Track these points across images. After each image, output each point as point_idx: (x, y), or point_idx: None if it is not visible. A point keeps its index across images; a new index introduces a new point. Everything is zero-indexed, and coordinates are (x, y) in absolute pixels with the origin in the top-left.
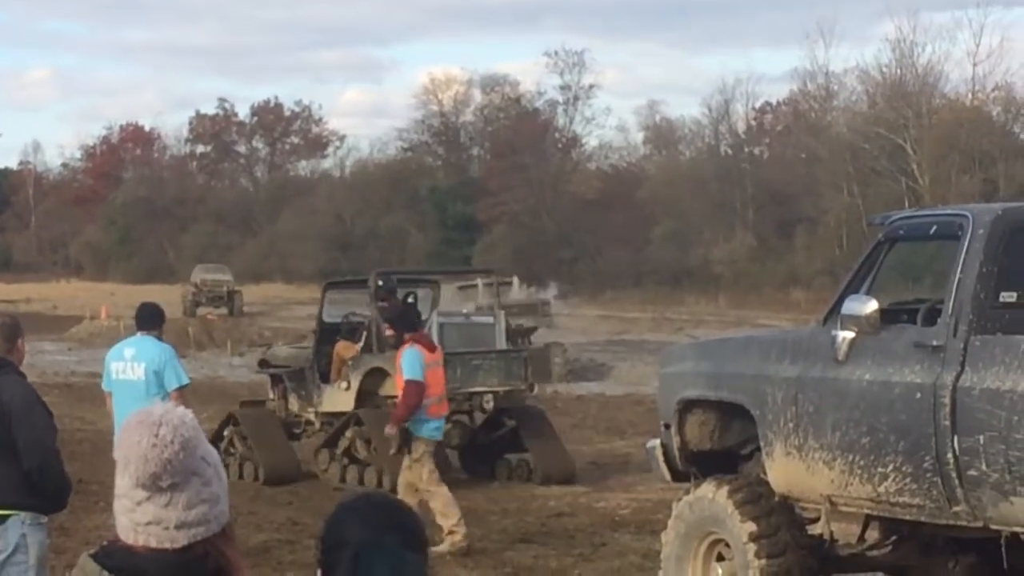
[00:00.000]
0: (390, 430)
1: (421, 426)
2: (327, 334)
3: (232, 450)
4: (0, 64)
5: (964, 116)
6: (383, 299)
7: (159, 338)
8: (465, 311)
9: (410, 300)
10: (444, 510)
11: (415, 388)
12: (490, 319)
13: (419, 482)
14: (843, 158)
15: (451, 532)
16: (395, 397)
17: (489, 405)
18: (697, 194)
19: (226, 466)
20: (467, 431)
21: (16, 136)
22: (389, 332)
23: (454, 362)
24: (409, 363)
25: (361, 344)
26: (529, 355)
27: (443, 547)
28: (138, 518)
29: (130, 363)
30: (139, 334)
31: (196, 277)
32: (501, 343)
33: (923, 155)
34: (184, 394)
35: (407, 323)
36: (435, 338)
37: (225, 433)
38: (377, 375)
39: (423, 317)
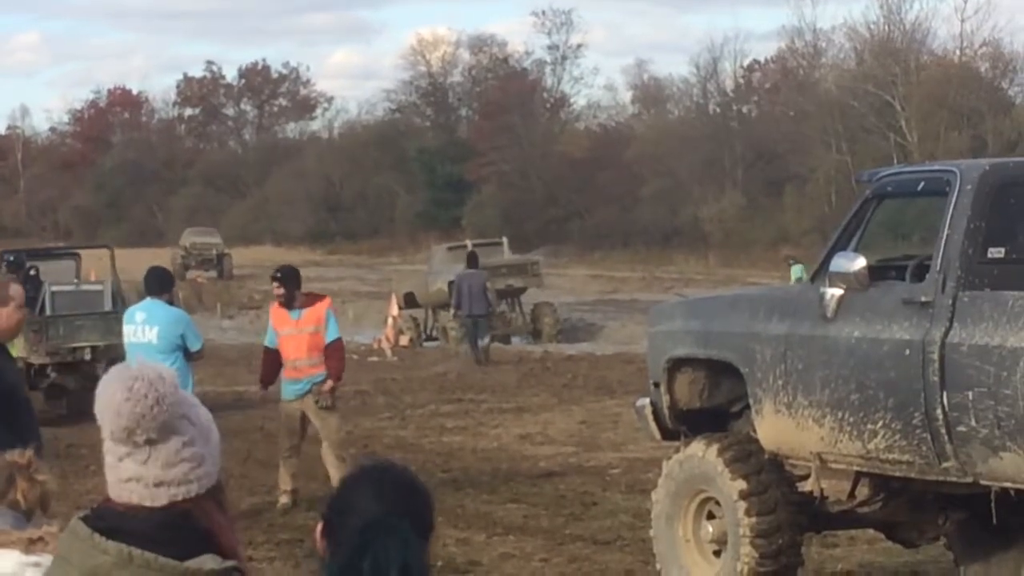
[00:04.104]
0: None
1: (281, 389)
2: None
3: None
4: None
5: (952, 73)
6: (11, 271)
7: (170, 303)
8: (76, 280)
9: (31, 272)
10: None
11: (263, 354)
12: (99, 286)
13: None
14: (831, 115)
15: (285, 492)
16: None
17: (88, 357)
18: (686, 153)
19: None
20: (82, 379)
21: (3, 101)
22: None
23: (58, 323)
24: (268, 330)
25: None
26: None
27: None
28: (121, 474)
29: (141, 326)
30: (148, 299)
31: (185, 240)
32: (107, 306)
33: (911, 112)
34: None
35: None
36: (47, 304)
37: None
38: None
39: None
